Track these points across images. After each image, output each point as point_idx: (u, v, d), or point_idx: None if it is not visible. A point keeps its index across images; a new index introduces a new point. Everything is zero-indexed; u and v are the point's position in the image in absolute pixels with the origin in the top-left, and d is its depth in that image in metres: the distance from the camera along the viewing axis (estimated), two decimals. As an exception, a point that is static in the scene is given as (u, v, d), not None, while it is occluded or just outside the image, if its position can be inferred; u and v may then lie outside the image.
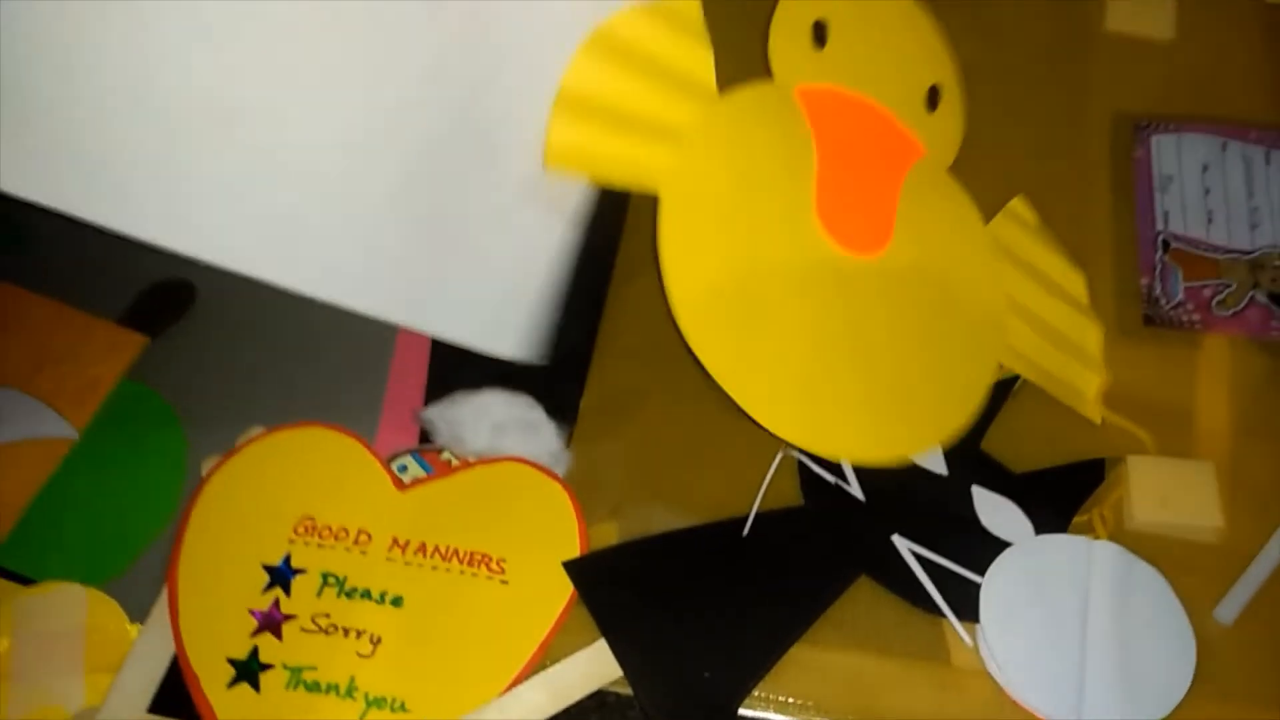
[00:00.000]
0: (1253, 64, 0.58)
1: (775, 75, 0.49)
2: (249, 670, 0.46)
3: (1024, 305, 0.51)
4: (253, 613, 0.47)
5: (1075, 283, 0.53)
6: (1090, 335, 0.52)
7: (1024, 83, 0.58)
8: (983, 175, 0.55)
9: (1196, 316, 0.52)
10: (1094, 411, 0.50)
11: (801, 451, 0.49)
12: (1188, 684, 0.44)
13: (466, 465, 0.50)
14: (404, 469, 0.51)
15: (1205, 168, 0.55)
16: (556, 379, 0.53)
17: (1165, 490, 0.49)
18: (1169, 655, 0.45)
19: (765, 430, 0.46)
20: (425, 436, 0.52)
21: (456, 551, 0.48)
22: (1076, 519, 0.48)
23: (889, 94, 0.52)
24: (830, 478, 0.49)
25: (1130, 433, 0.50)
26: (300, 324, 0.56)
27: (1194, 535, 0.48)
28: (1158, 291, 0.53)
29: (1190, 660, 0.44)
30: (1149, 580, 0.46)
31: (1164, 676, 0.44)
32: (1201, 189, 0.55)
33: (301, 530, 0.49)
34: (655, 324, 0.52)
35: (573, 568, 0.47)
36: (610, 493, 0.49)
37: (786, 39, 0.49)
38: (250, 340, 0.56)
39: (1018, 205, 0.53)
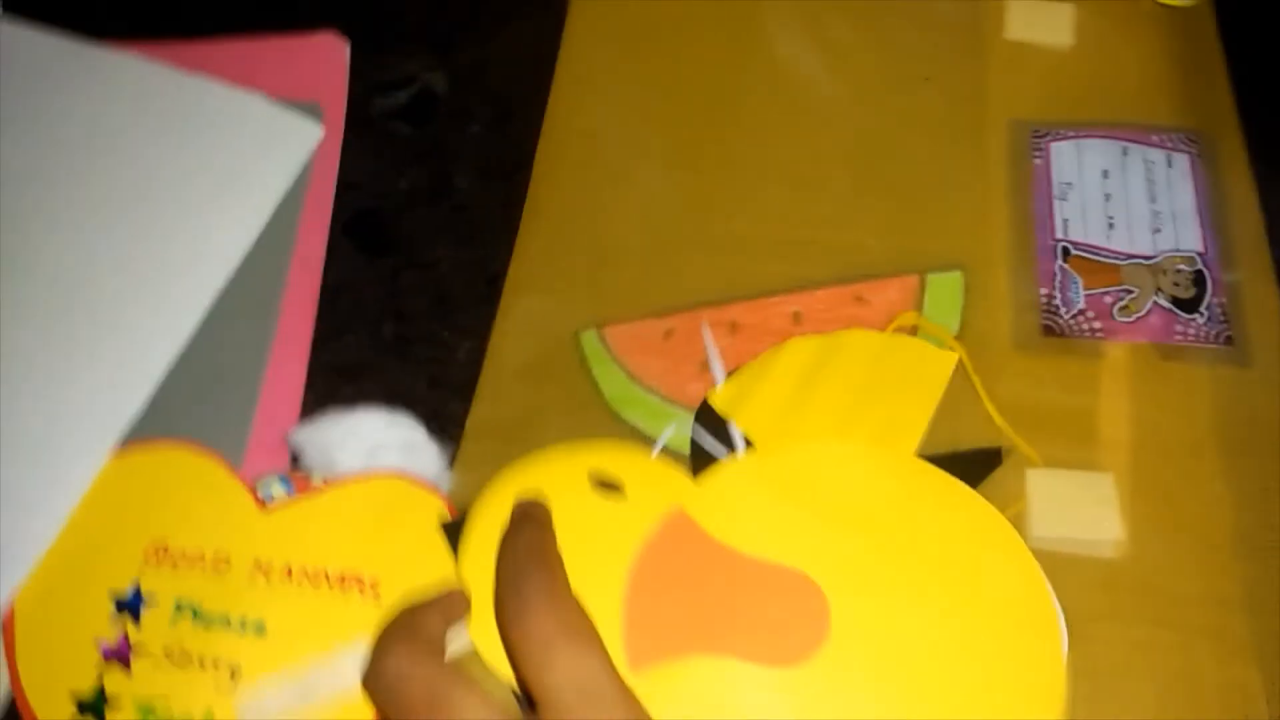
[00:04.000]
0: (1152, 68, 0.57)
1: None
2: (94, 707, 0.43)
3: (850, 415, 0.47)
4: (99, 644, 0.44)
5: (802, 347, 0.49)
6: (865, 342, 0.49)
7: (923, 93, 0.57)
8: (879, 186, 0.55)
9: (1098, 324, 0.51)
10: (947, 357, 0.49)
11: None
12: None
13: (335, 484, 0.47)
14: (269, 493, 0.48)
15: (1105, 173, 0.54)
16: (441, 398, 0.51)
17: (1063, 504, 0.47)
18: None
19: None
20: (297, 460, 0.49)
21: (325, 572, 0.45)
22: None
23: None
24: (722, 451, 0.46)
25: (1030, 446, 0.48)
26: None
27: (1094, 550, 0.46)
28: (1057, 300, 0.51)
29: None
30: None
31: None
32: (1102, 195, 0.54)
33: (153, 556, 0.46)
34: (546, 342, 0.51)
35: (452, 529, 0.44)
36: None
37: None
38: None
39: (717, 400, 0.48)
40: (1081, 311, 0.51)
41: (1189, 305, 0.51)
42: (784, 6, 0.61)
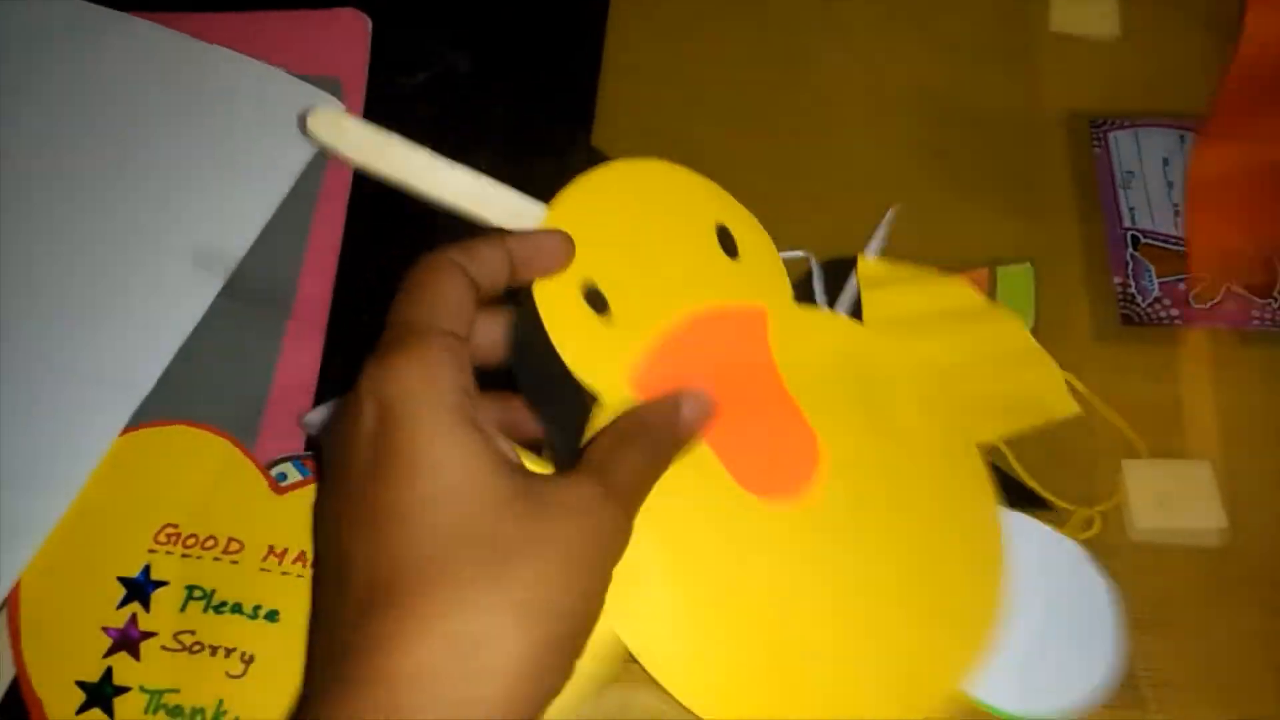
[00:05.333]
0: (1199, 56, 0.55)
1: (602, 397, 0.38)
2: (101, 694, 0.39)
3: (953, 371, 0.44)
4: (106, 630, 0.40)
5: (960, 293, 0.47)
6: (1014, 335, 0.47)
7: (973, 88, 0.55)
8: (940, 186, 0.52)
9: (1175, 312, 0.48)
10: (1069, 405, 0.45)
11: None
12: (1085, 696, 0.40)
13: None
14: (283, 476, 0.43)
15: (1166, 161, 0.52)
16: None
17: (1163, 494, 0.44)
18: (1082, 669, 0.40)
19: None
20: (311, 444, 0.45)
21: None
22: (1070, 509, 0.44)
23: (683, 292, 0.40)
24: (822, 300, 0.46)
25: (1124, 436, 0.45)
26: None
27: (1197, 539, 0.43)
28: (1133, 289, 0.49)
29: (1097, 678, 0.40)
30: (1096, 592, 0.41)
31: (1069, 683, 0.40)
32: (1164, 183, 0.51)
33: (163, 538, 0.42)
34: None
35: None
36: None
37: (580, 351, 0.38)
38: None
39: (864, 268, 0.47)
40: (1158, 299, 0.48)
41: (1261, 290, 0.49)
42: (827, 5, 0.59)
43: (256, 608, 0.40)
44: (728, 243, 0.42)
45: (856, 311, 0.46)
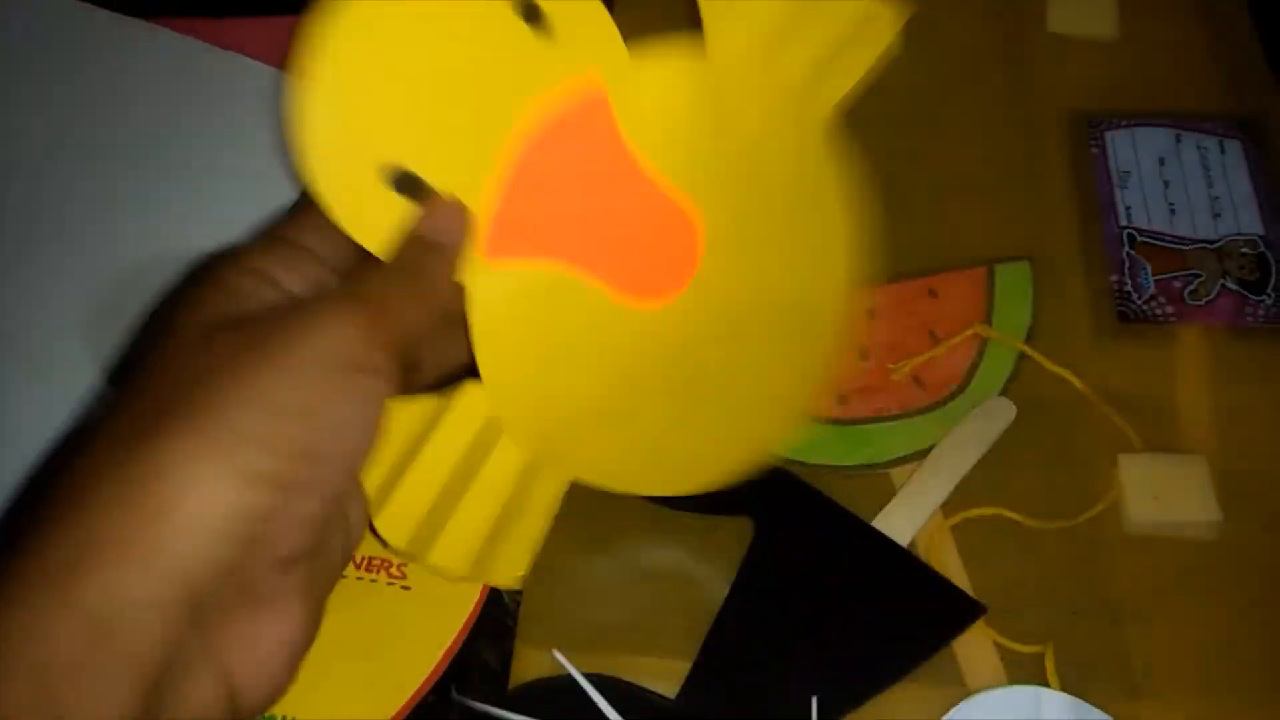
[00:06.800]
0: (1197, 56, 0.56)
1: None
2: None
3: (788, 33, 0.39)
4: None
5: None
6: None
7: (971, 89, 0.56)
8: (939, 186, 0.53)
9: (1170, 309, 0.49)
10: (889, 28, 0.41)
11: None
12: None
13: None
14: None
15: (1162, 160, 0.53)
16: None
17: (1158, 487, 0.45)
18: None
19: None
20: None
21: (352, 556, 0.40)
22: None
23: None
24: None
25: (1120, 431, 0.46)
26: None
27: (1192, 532, 0.44)
28: (1129, 287, 0.49)
29: None
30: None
31: None
32: (1160, 182, 0.52)
33: None
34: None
35: None
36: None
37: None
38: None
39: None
40: (1154, 297, 0.49)
41: (1256, 287, 0.49)
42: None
43: (269, 607, 0.40)
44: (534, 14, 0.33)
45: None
